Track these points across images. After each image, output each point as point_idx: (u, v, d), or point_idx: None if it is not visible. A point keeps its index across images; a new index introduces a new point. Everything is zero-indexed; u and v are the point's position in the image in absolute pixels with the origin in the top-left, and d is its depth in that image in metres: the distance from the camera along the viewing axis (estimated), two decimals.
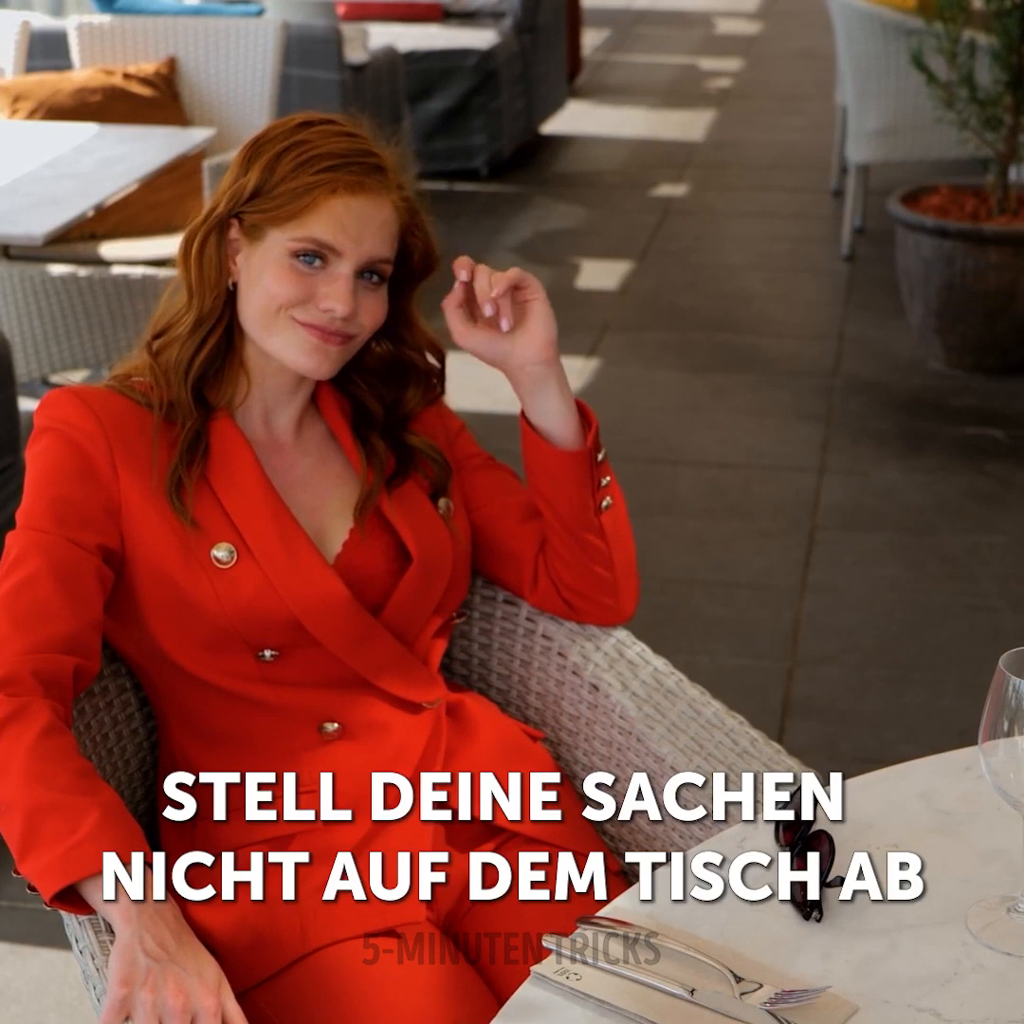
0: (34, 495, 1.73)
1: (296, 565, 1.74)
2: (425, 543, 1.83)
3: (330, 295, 1.72)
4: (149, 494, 1.73)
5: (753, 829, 1.54)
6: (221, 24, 4.74)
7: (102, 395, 1.77)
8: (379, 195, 1.74)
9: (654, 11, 10.26)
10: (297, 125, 1.77)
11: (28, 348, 4.26)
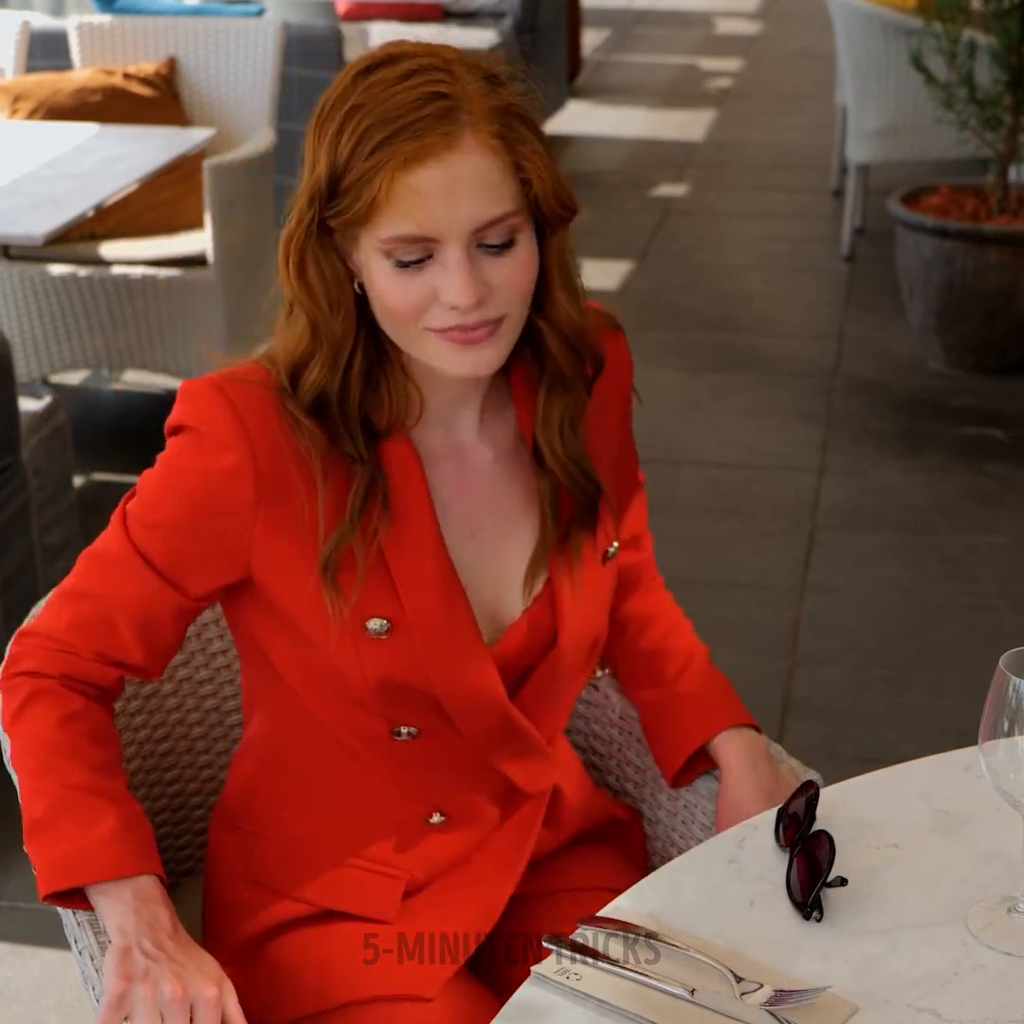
0: (153, 512, 1.53)
1: (453, 647, 1.54)
2: (581, 625, 1.61)
3: (446, 287, 1.43)
4: (292, 541, 1.50)
5: (753, 829, 1.54)
6: (221, 24, 4.74)
7: (258, 407, 1.49)
8: (456, 148, 1.40)
9: (654, 11, 10.25)
10: (354, 77, 1.44)
11: (28, 348, 4.26)
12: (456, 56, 1.45)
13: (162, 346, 4.23)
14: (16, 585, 3.05)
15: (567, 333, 1.53)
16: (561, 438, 1.56)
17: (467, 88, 1.42)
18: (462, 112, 1.41)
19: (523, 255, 1.46)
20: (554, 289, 1.51)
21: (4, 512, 3.02)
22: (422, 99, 1.40)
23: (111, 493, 4.16)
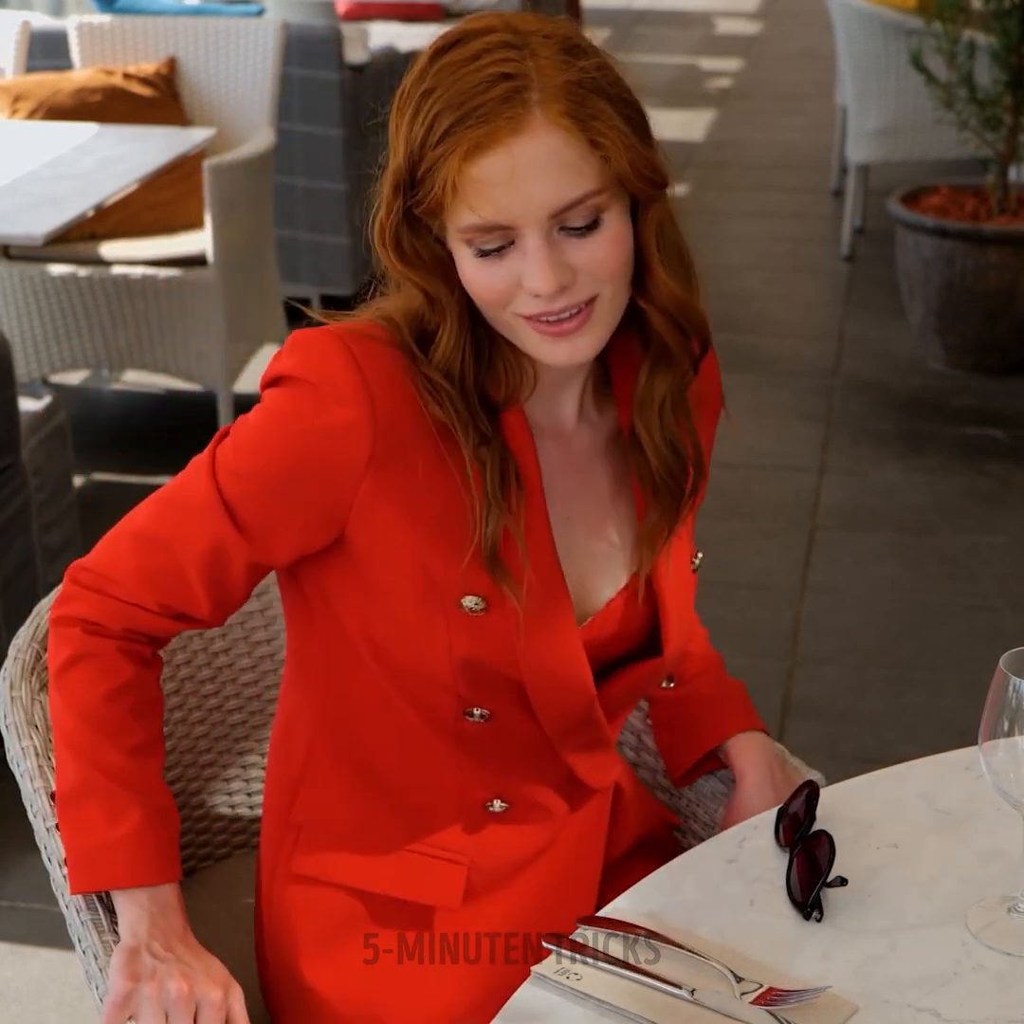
0: (249, 462, 1.44)
1: (547, 630, 1.48)
2: (683, 634, 1.58)
3: (527, 275, 1.37)
4: (400, 508, 1.44)
5: (753, 829, 1.54)
6: (221, 24, 4.74)
7: (382, 359, 1.43)
8: (524, 131, 1.33)
9: (654, 11, 10.25)
10: (431, 57, 1.38)
11: (28, 348, 4.26)
12: (537, 26, 1.37)
13: (162, 346, 4.23)
14: (16, 585, 3.06)
15: (671, 309, 1.46)
16: (660, 419, 1.51)
17: (539, 63, 1.35)
18: (531, 91, 1.34)
19: (611, 234, 1.39)
20: (653, 264, 1.44)
21: (4, 512, 3.02)
22: (487, 81, 1.34)
23: (111, 493, 4.16)
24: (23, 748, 1.60)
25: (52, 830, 1.55)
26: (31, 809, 1.59)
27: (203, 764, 1.87)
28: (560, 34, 1.38)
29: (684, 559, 1.59)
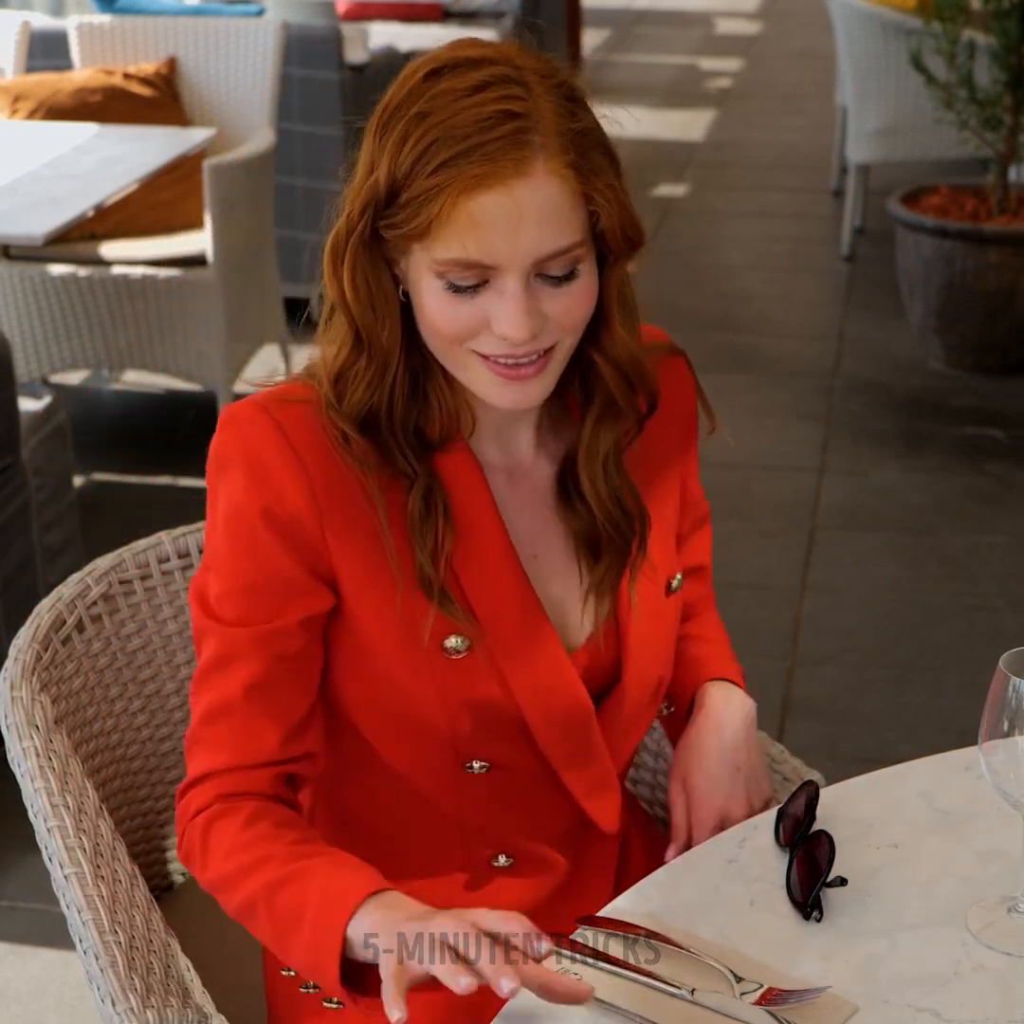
0: (221, 567, 1.45)
1: (535, 658, 1.47)
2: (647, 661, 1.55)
3: (500, 319, 1.35)
4: (364, 561, 1.43)
5: (753, 829, 1.54)
6: (221, 24, 4.74)
7: (306, 423, 1.42)
8: (526, 174, 1.31)
9: (654, 11, 10.25)
10: (423, 79, 1.34)
11: (28, 348, 4.26)
12: (535, 64, 1.36)
13: (162, 346, 4.23)
14: (16, 585, 3.06)
15: (623, 365, 1.46)
16: (604, 473, 1.49)
17: (542, 105, 1.34)
18: (536, 134, 1.32)
19: (583, 286, 1.38)
20: (612, 320, 1.44)
21: (4, 512, 3.02)
22: (493, 118, 1.31)
23: (111, 493, 4.16)
24: (23, 748, 1.60)
25: (53, 830, 1.55)
26: (31, 809, 1.59)
27: None
28: (559, 78, 1.38)
29: (654, 587, 1.56)
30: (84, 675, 1.73)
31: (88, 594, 1.74)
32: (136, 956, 1.51)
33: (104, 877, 1.54)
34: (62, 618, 1.71)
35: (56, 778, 1.58)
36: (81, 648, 1.73)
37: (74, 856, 1.54)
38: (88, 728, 1.73)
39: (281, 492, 1.42)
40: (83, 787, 1.62)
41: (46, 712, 1.64)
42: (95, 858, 1.55)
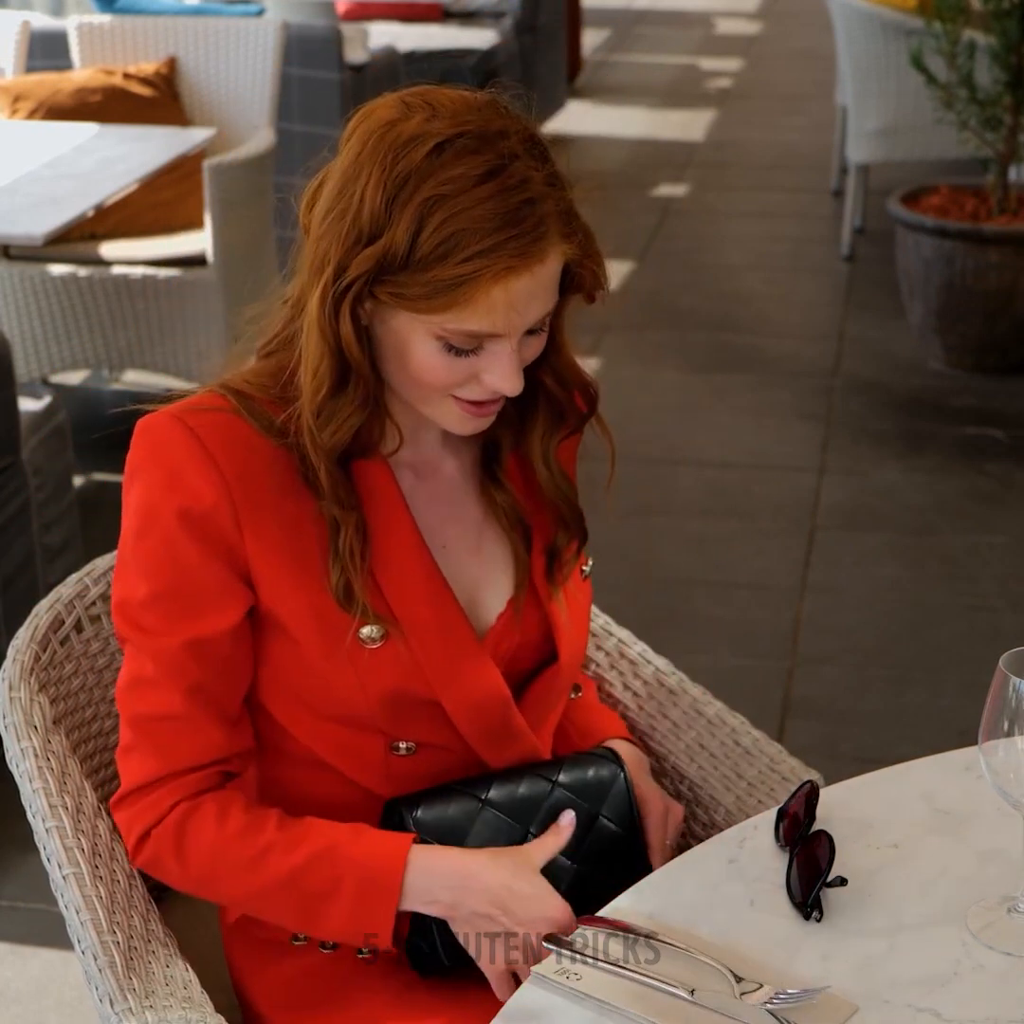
0: (140, 574, 1.49)
1: (448, 646, 1.55)
2: (575, 639, 1.65)
3: (495, 377, 1.45)
4: (281, 556, 1.49)
5: (753, 829, 1.54)
6: (221, 24, 4.74)
7: (220, 428, 1.48)
8: (544, 258, 1.42)
9: (654, 11, 10.25)
10: (432, 151, 1.40)
11: (28, 348, 4.26)
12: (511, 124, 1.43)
13: (162, 346, 4.23)
14: (16, 585, 3.06)
15: (569, 380, 1.58)
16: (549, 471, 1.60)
17: (536, 178, 1.42)
18: (547, 220, 1.41)
19: (545, 333, 1.49)
20: (564, 347, 1.56)
21: (4, 512, 3.02)
22: (518, 209, 1.40)
23: (111, 493, 4.16)
24: (22, 749, 1.60)
25: (52, 830, 1.55)
26: (30, 809, 1.59)
27: None
28: (528, 131, 1.44)
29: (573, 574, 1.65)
30: (83, 675, 1.73)
31: (87, 594, 1.74)
32: (134, 956, 1.51)
33: (102, 877, 1.54)
34: (61, 618, 1.71)
35: (54, 778, 1.58)
36: (80, 648, 1.73)
37: (72, 856, 1.54)
38: (87, 728, 1.73)
39: (195, 490, 1.46)
40: (81, 787, 1.62)
41: (44, 712, 1.63)
42: (93, 858, 1.55)
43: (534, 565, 1.61)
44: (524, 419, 1.59)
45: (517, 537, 1.60)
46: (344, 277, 1.43)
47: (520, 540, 1.61)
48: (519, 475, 1.62)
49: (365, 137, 1.44)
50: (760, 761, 1.80)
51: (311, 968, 1.60)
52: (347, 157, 1.45)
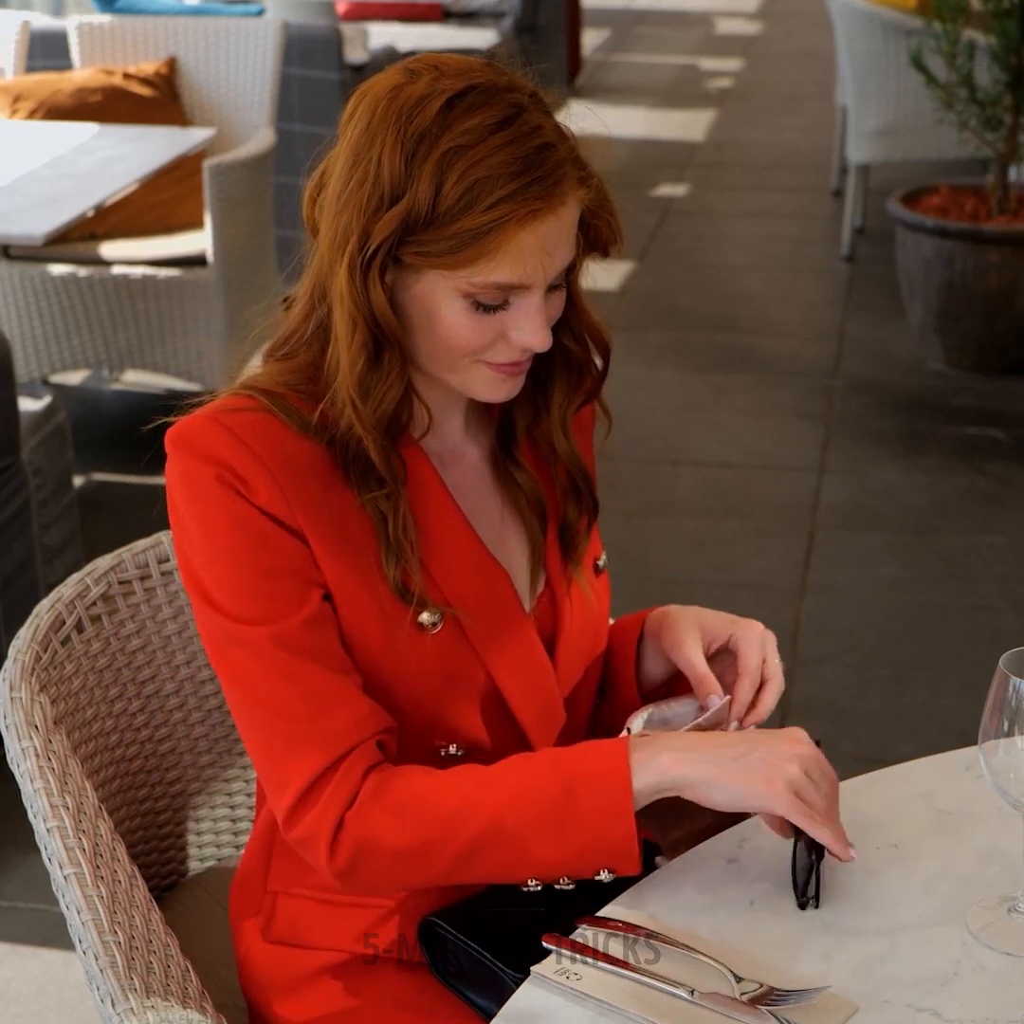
0: (226, 580, 1.46)
1: (503, 628, 1.54)
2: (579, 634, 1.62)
3: (523, 331, 1.44)
4: (336, 546, 1.47)
5: (753, 829, 1.54)
6: (221, 24, 4.74)
7: (256, 426, 1.46)
8: (564, 202, 1.43)
9: (654, 11, 10.25)
10: (444, 107, 1.41)
11: (28, 348, 4.26)
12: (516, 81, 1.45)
13: (162, 346, 4.23)
14: (16, 585, 3.06)
15: (584, 334, 1.57)
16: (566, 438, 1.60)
17: (547, 123, 1.43)
18: (565, 164, 1.43)
19: (564, 288, 1.49)
20: (582, 305, 1.54)
21: (4, 512, 3.02)
22: (537, 154, 1.41)
23: (111, 493, 4.16)
24: (23, 749, 1.60)
25: (53, 830, 1.55)
26: (31, 809, 1.59)
27: (203, 764, 1.87)
28: (528, 87, 1.46)
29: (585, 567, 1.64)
30: (83, 675, 1.73)
31: (87, 594, 1.74)
32: (136, 956, 1.51)
33: (103, 877, 1.54)
34: (61, 618, 1.71)
35: (55, 778, 1.58)
36: (80, 648, 1.73)
37: (73, 856, 1.54)
38: (87, 728, 1.73)
39: (249, 483, 1.45)
40: (82, 787, 1.62)
41: (45, 712, 1.63)
42: (94, 858, 1.55)
43: (549, 548, 1.60)
44: (541, 389, 1.58)
45: (534, 520, 1.59)
46: (370, 243, 1.42)
47: (537, 523, 1.60)
48: (531, 457, 1.61)
49: (373, 106, 1.43)
50: None
51: (320, 970, 1.60)
52: (355, 132, 1.44)
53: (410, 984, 1.57)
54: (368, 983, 1.58)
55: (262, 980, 1.63)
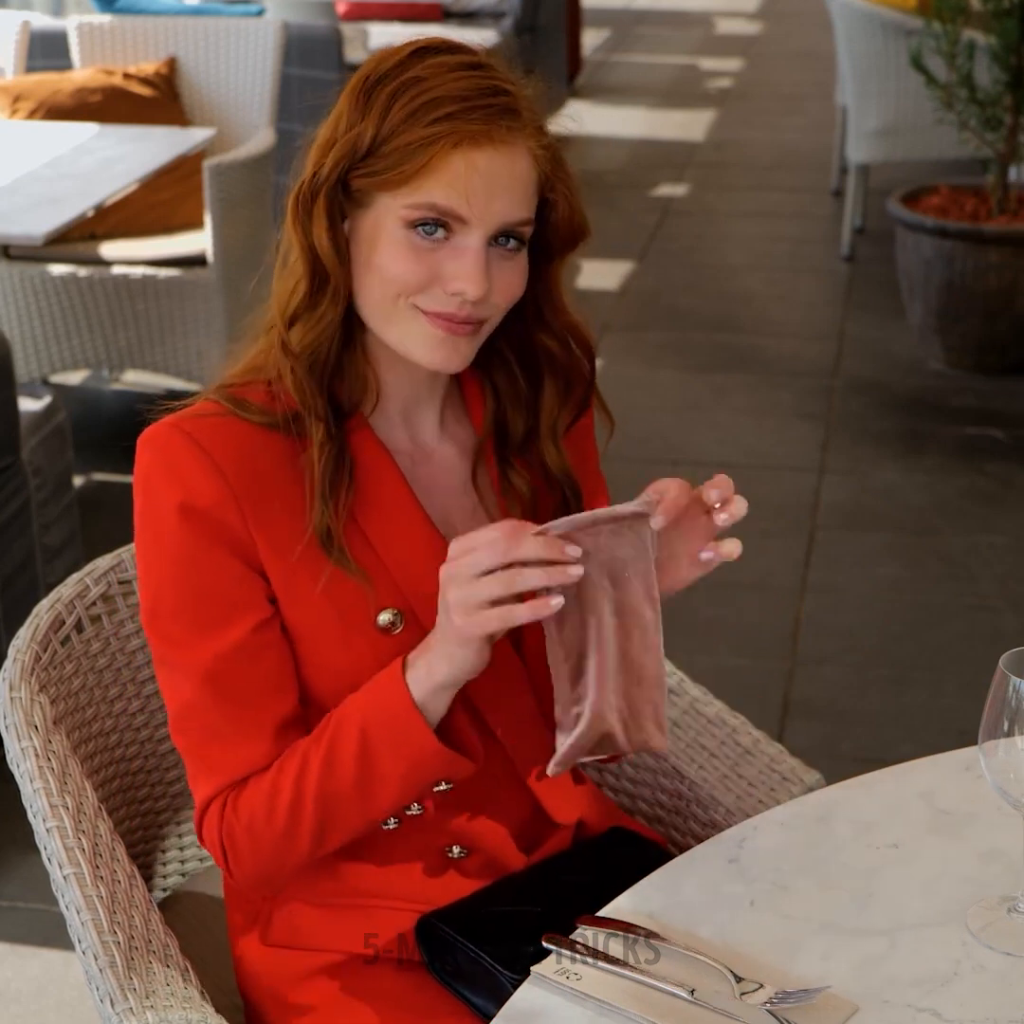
0: (160, 583, 1.49)
1: None
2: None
3: (458, 274, 1.43)
4: (292, 549, 1.47)
5: (753, 829, 1.54)
6: (221, 24, 4.74)
7: (218, 431, 1.48)
8: (511, 144, 1.43)
9: (654, 11, 10.25)
10: (410, 55, 1.48)
11: (28, 348, 4.26)
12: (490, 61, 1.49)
13: (162, 346, 4.23)
14: (16, 585, 3.06)
15: (564, 335, 1.57)
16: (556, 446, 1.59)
17: (523, 93, 1.47)
18: (523, 114, 1.45)
19: (522, 265, 1.49)
20: (560, 302, 1.56)
21: (4, 512, 3.02)
22: (490, 90, 1.43)
23: (111, 493, 4.16)
24: (23, 749, 1.60)
25: (52, 830, 1.55)
26: (31, 809, 1.59)
27: None
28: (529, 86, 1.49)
29: None
30: (83, 675, 1.73)
31: (87, 594, 1.74)
32: (135, 956, 1.51)
33: (103, 877, 1.54)
34: (61, 618, 1.71)
35: (55, 778, 1.58)
36: (80, 648, 1.73)
37: (73, 856, 1.54)
38: (87, 728, 1.73)
39: (198, 489, 1.46)
40: (82, 787, 1.62)
41: (45, 712, 1.63)
42: (94, 858, 1.55)
43: None
44: (531, 394, 1.58)
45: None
46: (318, 175, 1.47)
47: None
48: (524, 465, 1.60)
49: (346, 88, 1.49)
50: (760, 761, 1.80)
51: (319, 971, 1.60)
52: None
53: (409, 984, 1.57)
54: (367, 983, 1.58)
55: (261, 981, 1.63)
